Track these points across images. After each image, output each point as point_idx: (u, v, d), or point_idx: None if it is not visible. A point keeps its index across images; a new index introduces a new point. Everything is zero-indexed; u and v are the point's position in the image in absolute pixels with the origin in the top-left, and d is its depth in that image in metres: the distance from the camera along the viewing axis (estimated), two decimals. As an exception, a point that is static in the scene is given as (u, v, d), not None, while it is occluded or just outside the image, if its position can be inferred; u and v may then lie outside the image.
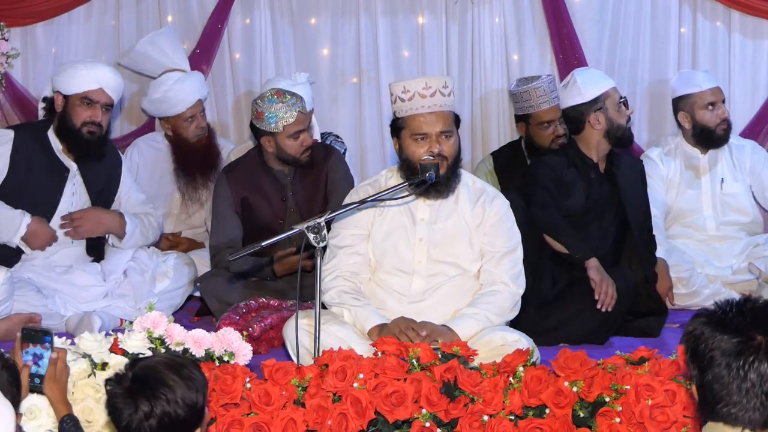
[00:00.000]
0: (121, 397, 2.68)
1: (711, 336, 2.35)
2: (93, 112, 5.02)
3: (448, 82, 4.20)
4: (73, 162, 5.09)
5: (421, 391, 3.46)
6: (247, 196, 5.12)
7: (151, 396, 2.66)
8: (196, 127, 5.91)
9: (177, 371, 2.70)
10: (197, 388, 2.71)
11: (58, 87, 5.07)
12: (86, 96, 5.02)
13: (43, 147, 5.06)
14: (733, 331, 2.33)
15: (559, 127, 5.66)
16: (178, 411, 2.66)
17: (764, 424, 2.34)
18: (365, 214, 4.26)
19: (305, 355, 3.88)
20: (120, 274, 5.15)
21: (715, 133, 5.67)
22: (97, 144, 5.07)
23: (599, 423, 3.47)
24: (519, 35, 6.45)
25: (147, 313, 3.71)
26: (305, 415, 3.47)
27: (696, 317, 2.43)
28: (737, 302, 2.40)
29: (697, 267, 5.55)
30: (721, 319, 2.36)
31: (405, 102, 4.15)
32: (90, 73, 5.03)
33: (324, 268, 4.19)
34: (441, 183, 4.13)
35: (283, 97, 4.98)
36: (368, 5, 6.48)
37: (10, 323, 4.76)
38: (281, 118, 4.95)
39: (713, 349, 2.34)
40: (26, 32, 6.46)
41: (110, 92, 5.06)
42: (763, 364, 2.30)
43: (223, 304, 4.93)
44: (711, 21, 6.37)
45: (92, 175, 5.14)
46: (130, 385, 2.69)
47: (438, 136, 4.12)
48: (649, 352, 3.63)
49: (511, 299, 4.19)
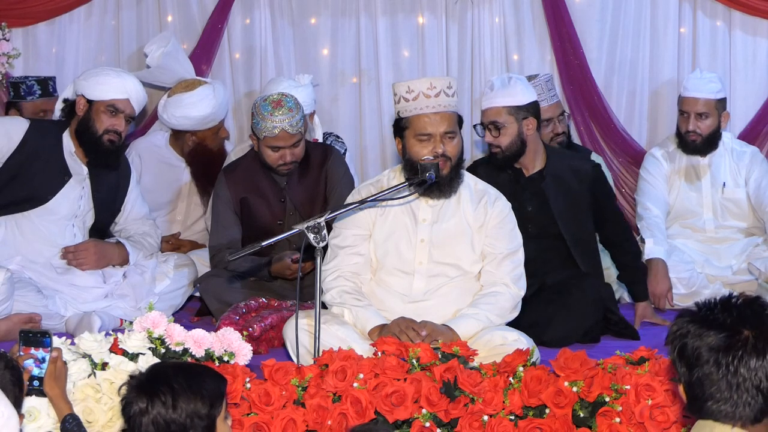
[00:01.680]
0: (130, 388, 2.72)
1: (697, 334, 2.35)
2: (117, 121, 5.00)
3: (452, 83, 4.19)
4: (85, 166, 5.09)
5: (421, 391, 3.46)
6: (246, 196, 5.11)
7: (152, 394, 2.67)
8: (221, 136, 5.93)
9: (188, 377, 2.71)
10: (204, 398, 2.69)
11: (83, 90, 5.03)
12: (113, 104, 4.99)
13: (55, 146, 5.05)
14: (720, 327, 2.33)
15: (558, 125, 5.67)
16: (173, 415, 2.65)
17: (754, 419, 2.33)
18: (367, 214, 4.26)
19: (305, 355, 3.88)
20: (120, 275, 5.15)
21: (685, 139, 5.66)
22: (115, 153, 5.07)
23: (599, 423, 3.47)
24: (519, 35, 6.45)
25: (147, 313, 3.71)
26: (305, 415, 3.47)
27: (680, 317, 2.43)
28: (721, 299, 2.40)
29: (697, 267, 5.55)
30: (706, 317, 2.36)
31: (409, 102, 4.14)
32: (120, 83, 5.01)
33: (325, 268, 4.19)
34: (443, 183, 4.14)
35: (278, 109, 4.90)
36: (368, 5, 6.48)
37: (10, 323, 4.76)
38: (265, 128, 4.90)
39: (700, 346, 2.34)
40: (27, 32, 6.47)
41: (135, 104, 5.05)
42: (752, 358, 2.30)
43: (222, 304, 4.92)
44: (711, 21, 6.37)
45: (101, 183, 5.13)
46: (142, 380, 2.72)
47: (442, 137, 4.12)
48: (649, 352, 3.64)
49: (512, 300, 4.19)
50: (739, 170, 5.73)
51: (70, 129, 5.08)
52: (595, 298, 4.73)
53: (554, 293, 4.68)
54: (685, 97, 5.62)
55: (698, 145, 5.63)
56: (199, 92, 5.84)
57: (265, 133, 4.91)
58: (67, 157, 5.07)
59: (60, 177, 5.05)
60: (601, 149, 6.30)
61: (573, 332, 4.60)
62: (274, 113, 4.89)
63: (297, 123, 4.93)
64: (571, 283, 4.71)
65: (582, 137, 6.34)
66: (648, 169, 5.75)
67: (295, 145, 4.97)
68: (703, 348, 2.34)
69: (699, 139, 5.61)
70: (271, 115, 4.89)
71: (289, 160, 4.99)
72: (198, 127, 5.87)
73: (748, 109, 6.31)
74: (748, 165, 5.72)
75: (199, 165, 5.90)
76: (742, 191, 5.72)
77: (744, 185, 5.72)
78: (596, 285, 4.82)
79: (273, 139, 4.92)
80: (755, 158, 5.75)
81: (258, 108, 4.94)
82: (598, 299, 4.75)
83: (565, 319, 4.58)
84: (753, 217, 5.73)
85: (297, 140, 4.96)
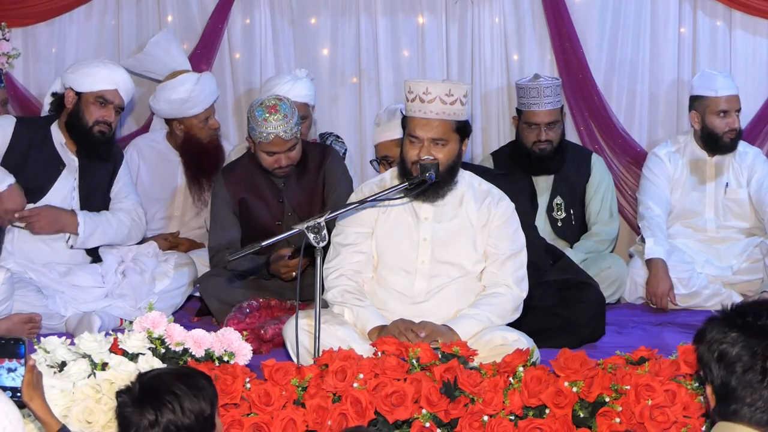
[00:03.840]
0: (129, 406, 2.70)
1: (741, 340, 2.37)
2: (106, 112, 5.04)
3: (455, 90, 4.07)
4: (75, 157, 5.10)
5: (421, 391, 3.46)
6: (245, 197, 5.11)
7: (157, 404, 2.66)
8: (209, 127, 5.91)
9: (185, 381, 2.71)
10: (205, 398, 2.71)
11: (72, 83, 5.06)
12: (101, 96, 5.04)
13: (45, 139, 5.07)
14: (761, 335, 2.35)
15: (543, 133, 5.66)
16: (183, 420, 2.66)
17: None
18: (369, 212, 4.25)
19: (305, 355, 3.87)
20: (114, 275, 5.14)
21: (722, 140, 5.66)
22: (106, 144, 5.09)
23: (599, 423, 3.47)
24: (519, 35, 6.44)
25: (147, 313, 3.71)
26: (305, 415, 3.47)
27: (716, 320, 2.44)
28: (757, 305, 2.42)
29: (697, 267, 5.55)
30: (751, 324, 2.38)
31: (408, 102, 4.13)
32: (107, 73, 5.05)
33: (327, 266, 4.18)
34: (428, 187, 4.08)
35: (273, 114, 4.87)
36: (368, 5, 6.48)
37: (11, 323, 4.76)
38: (259, 134, 4.89)
39: (744, 354, 2.36)
40: (27, 32, 6.46)
41: (124, 95, 5.09)
42: None
43: (222, 304, 4.93)
44: (711, 21, 6.36)
45: (90, 173, 5.14)
46: (138, 394, 2.70)
47: (429, 142, 4.08)
48: (649, 352, 3.63)
49: (514, 302, 4.18)
50: (741, 170, 5.73)
51: (59, 122, 5.12)
52: (597, 313, 4.75)
53: (556, 303, 4.69)
54: (724, 96, 5.63)
55: (735, 142, 5.67)
56: (181, 78, 5.88)
57: (259, 139, 4.90)
58: (59, 149, 5.09)
59: (55, 166, 5.07)
60: (601, 149, 6.30)
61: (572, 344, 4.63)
62: (269, 119, 4.87)
63: (292, 128, 4.91)
64: (572, 296, 4.74)
65: (582, 137, 6.33)
66: (651, 169, 5.76)
67: (290, 149, 4.96)
68: (745, 355, 2.36)
69: (735, 135, 5.65)
70: (266, 121, 4.87)
71: (285, 164, 4.98)
72: (181, 114, 5.86)
73: (749, 109, 6.29)
74: (751, 165, 5.73)
75: (189, 156, 5.90)
76: (744, 191, 5.72)
77: (746, 185, 5.72)
78: (597, 295, 4.84)
79: (267, 144, 4.91)
80: (758, 159, 5.76)
81: (252, 113, 4.92)
82: (599, 313, 4.77)
83: (565, 334, 4.60)
84: (754, 218, 5.74)
85: (292, 145, 4.95)
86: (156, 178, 5.96)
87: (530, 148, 5.69)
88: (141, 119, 6.50)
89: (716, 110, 5.65)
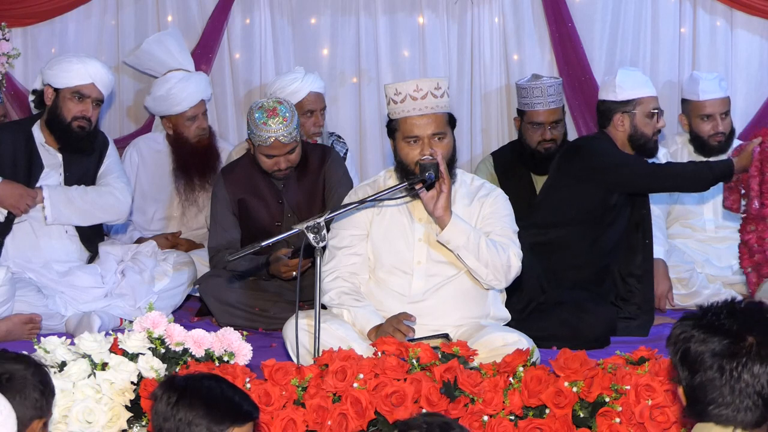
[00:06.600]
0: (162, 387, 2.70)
1: (702, 339, 2.37)
2: (84, 107, 5.03)
3: (441, 83, 4.16)
4: (59, 153, 5.09)
5: (421, 391, 3.46)
6: (244, 197, 5.10)
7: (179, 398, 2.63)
8: (197, 127, 5.90)
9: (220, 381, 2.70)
10: None
11: (49, 80, 5.07)
12: (78, 90, 5.03)
13: (27, 143, 5.07)
14: (724, 333, 2.35)
15: (548, 132, 5.66)
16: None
17: (755, 423, 2.35)
18: (364, 214, 4.25)
19: (305, 355, 3.88)
20: (112, 274, 5.13)
21: (708, 143, 5.68)
22: (87, 139, 5.08)
23: (599, 423, 3.47)
24: (519, 35, 6.45)
25: (147, 313, 3.71)
26: (305, 415, 3.47)
27: (683, 320, 2.44)
28: (726, 304, 2.42)
29: (697, 267, 5.55)
30: (711, 322, 2.38)
31: (397, 104, 4.15)
32: (82, 68, 5.04)
33: (323, 269, 4.18)
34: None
35: (272, 118, 4.85)
36: (368, 5, 6.48)
37: (11, 323, 4.77)
38: (259, 137, 4.88)
39: (704, 351, 2.36)
40: (27, 32, 6.46)
41: (101, 87, 5.07)
42: (755, 364, 2.32)
43: (222, 305, 4.93)
44: (711, 20, 6.37)
45: (75, 166, 5.13)
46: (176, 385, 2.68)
47: (430, 139, 4.10)
48: (649, 352, 3.64)
49: (507, 263, 4.10)
50: None
51: (41, 120, 5.11)
52: (604, 332, 4.77)
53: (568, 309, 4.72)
54: (707, 100, 5.64)
55: (723, 145, 5.67)
56: (168, 75, 5.92)
57: (259, 142, 4.89)
58: (40, 149, 5.08)
59: (38, 166, 5.04)
60: (601, 149, 6.29)
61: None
62: (268, 123, 4.85)
63: (291, 132, 4.90)
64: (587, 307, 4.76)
65: (582, 137, 6.34)
66: None
67: (290, 152, 4.95)
68: (706, 353, 2.35)
69: (723, 138, 5.65)
70: (265, 124, 4.86)
71: (284, 167, 4.97)
72: (166, 111, 5.89)
73: (749, 109, 6.31)
74: None
75: (177, 154, 5.91)
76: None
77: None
78: (610, 315, 4.86)
79: (267, 147, 4.90)
80: None
81: (252, 116, 4.90)
82: (607, 333, 4.78)
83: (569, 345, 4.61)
84: (753, 218, 5.74)
85: (291, 148, 4.94)
86: (155, 178, 5.97)
87: (535, 147, 5.69)
88: (141, 119, 6.50)
89: (700, 114, 5.68)
